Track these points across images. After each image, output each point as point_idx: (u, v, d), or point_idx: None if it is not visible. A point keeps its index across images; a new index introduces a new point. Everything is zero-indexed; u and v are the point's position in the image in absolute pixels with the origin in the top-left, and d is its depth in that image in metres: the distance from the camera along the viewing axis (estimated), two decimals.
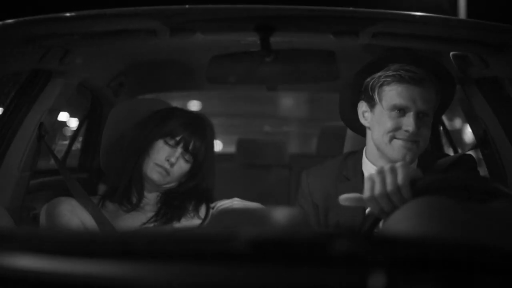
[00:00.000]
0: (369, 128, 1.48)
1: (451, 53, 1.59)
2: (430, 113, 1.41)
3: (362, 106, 1.48)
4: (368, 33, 1.38)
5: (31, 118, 1.65)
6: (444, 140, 2.46)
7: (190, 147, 1.56)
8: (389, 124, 1.40)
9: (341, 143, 1.97)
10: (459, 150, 2.39)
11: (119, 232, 1.28)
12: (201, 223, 1.55)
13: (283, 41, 1.58)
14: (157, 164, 1.54)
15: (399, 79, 1.39)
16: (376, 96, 1.43)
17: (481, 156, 1.74)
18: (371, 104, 1.45)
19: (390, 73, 1.41)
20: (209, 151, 1.62)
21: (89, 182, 2.19)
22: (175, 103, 1.91)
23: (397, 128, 1.39)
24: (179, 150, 1.56)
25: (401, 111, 1.39)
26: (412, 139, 1.39)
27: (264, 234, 0.58)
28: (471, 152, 1.68)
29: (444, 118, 2.42)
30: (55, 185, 1.96)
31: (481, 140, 1.68)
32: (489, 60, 1.50)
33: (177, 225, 1.55)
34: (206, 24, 1.43)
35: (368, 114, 1.47)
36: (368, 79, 1.45)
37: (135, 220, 1.55)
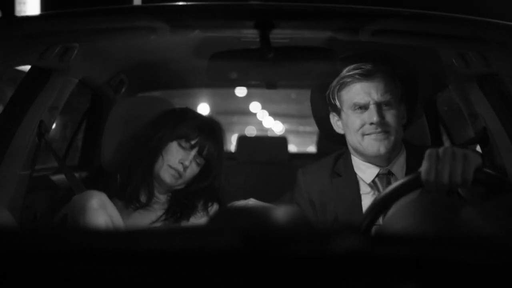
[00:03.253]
0: (344, 135, 1.54)
1: (451, 51, 1.59)
2: (393, 102, 1.46)
3: (333, 117, 1.57)
4: (368, 31, 1.38)
5: (31, 116, 1.64)
6: (444, 138, 2.46)
7: (204, 151, 1.58)
8: (355, 123, 1.46)
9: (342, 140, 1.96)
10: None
11: (118, 230, 1.28)
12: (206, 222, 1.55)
13: (283, 38, 1.58)
14: (170, 166, 1.55)
15: (350, 80, 1.47)
16: (337, 103, 1.51)
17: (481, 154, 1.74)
18: (337, 111, 1.53)
19: (341, 76, 1.49)
20: (220, 154, 1.63)
21: (90, 180, 2.19)
22: (175, 100, 1.91)
23: (363, 124, 1.45)
24: (193, 153, 1.57)
25: (362, 107, 1.46)
26: (381, 131, 1.44)
27: (262, 232, 0.58)
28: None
29: (444, 116, 2.42)
30: (56, 184, 1.95)
31: (481, 137, 1.68)
32: (489, 57, 1.50)
33: (185, 224, 1.55)
34: (206, 21, 1.42)
35: (339, 123, 1.55)
36: (327, 91, 1.54)
37: (144, 218, 1.56)
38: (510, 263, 0.53)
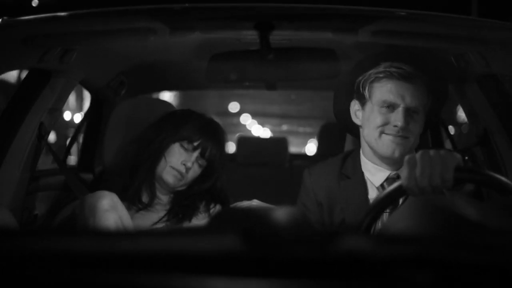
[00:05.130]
0: (361, 126, 1.51)
1: (451, 51, 1.59)
2: (420, 110, 1.43)
3: (355, 105, 1.52)
4: (368, 31, 1.38)
5: (31, 118, 1.65)
6: (444, 139, 2.46)
7: (207, 153, 1.58)
8: (378, 119, 1.43)
9: (341, 141, 1.97)
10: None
11: (118, 232, 1.28)
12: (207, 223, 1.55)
13: (283, 39, 1.58)
14: (173, 168, 1.56)
15: (389, 76, 1.42)
16: (366, 93, 1.46)
17: (481, 154, 1.74)
18: (362, 101, 1.49)
19: (380, 70, 1.44)
20: (222, 156, 1.64)
21: (91, 181, 2.19)
22: (176, 102, 1.91)
23: (386, 123, 1.42)
24: (195, 155, 1.57)
25: (390, 106, 1.42)
26: (401, 135, 1.41)
27: (264, 233, 0.58)
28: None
29: (444, 116, 2.42)
30: (56, 185, 1.96)
31: (482, 138, 1.68)
32: (489, 58, 1.50)
33: (187, 225, 1.56)
34: (205, 23, 1.43)
35: (359, 113, 1.50)
36: (360, 78, 1.48)
37: (146, 220, 1.56)
38: (510, 263, 0.53)
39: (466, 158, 1.11)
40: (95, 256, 0.57)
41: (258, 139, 3.77)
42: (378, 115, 1.43)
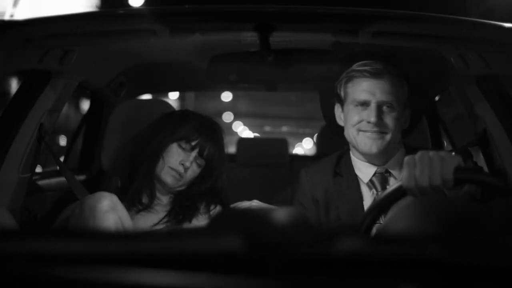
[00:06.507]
0: (344, 127, 1.57)
1: (451, 52, 1.60)
2: (395, 104, 1.48)
3: (338, 108, 1.60)
4: (368, 33, 1.39)
5: (31, 119, 1.65)
6: (444, 139, 2.46)
7: (205, 152, 1.58)
8: (354, 118, 1.49)
9: (341, 142, 1.96)
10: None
11: (118, 233, 1.28)
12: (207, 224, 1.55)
13: (283, 40, 1.58)
14: (171, 168, 1.55)
15: (359, 75, 1.49)
16: (342, 95, 1.54)
17: (481, 154, 1.74)
18: (341, 103, 1.56)
19: (351, 70, 1.52)
20: (221, 155, 1.63)
21: (91, 183, 2.19)
22: (175, 103, 1.92)
23: (360, 121, 1.48)
24: (193, 154, 1.57)
25: (364, 104, 1.48)
26: (376, 130, 1.46)
27: (264, 233, 0.58)
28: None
29: (443, 117, 2.43)
30: (56, 186, 1.96)
31: (481, 138, 1.69)
32: (489, 58, 1.51)
33: (187, 225, 1.55)
34: (205, 24, 1.43)
35: (342, 115, 1.57)
36: (336, 81, 1.57)
37: (146, 221, 1.56)
38: (510, 263, 0.53)
39: (466, 158, 1.11)
40: (95, 257, 0.57)
41: (258, 140, 3.76)
42: (354, 114, 1.49)
